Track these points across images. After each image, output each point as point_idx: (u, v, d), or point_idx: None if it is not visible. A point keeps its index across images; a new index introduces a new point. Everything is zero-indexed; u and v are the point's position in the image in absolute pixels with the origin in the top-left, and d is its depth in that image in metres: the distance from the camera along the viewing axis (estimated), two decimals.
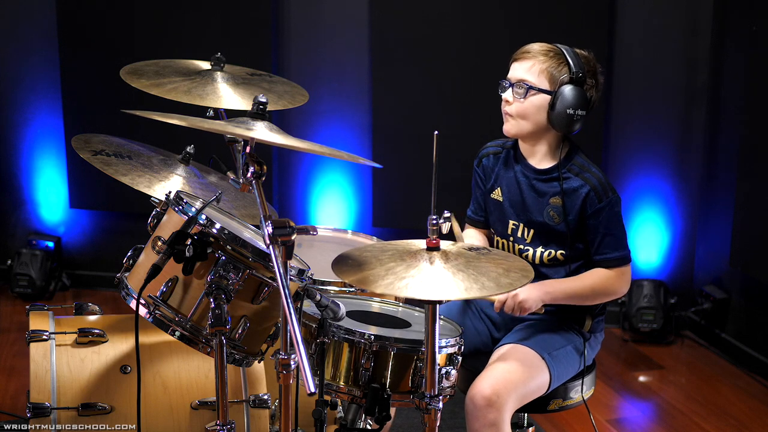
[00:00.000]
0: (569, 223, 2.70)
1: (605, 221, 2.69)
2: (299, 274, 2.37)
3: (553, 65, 2.68)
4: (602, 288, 2.72)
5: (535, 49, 2.70)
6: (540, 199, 2.75)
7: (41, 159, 4.98)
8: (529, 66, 2.69)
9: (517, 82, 2.71)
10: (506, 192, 2.81)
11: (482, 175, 2.89)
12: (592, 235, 2.71)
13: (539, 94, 2.68)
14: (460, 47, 4.62)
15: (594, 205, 2.69)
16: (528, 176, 2.77)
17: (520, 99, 2.70)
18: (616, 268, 2.72)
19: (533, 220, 2.76)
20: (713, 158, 4.63)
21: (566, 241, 2.72)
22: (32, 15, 4.83)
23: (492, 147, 2.89)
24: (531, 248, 2.77)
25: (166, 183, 2.74)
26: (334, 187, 4.90)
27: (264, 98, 2.30)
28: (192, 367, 2.63)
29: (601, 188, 2.70)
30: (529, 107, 2.70)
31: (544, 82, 2.68)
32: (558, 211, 2.72)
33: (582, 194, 2.69)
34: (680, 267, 4.78)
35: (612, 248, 2.71)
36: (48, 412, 2.49)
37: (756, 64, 4.22)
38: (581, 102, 2.66)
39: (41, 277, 4.86)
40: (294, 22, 4.77)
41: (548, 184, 2.75)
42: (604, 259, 2.72)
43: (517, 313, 2.65)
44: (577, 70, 2.66)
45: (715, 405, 4.04)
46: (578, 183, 2.71)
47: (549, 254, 2.75)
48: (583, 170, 2.72)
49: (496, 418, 2.52)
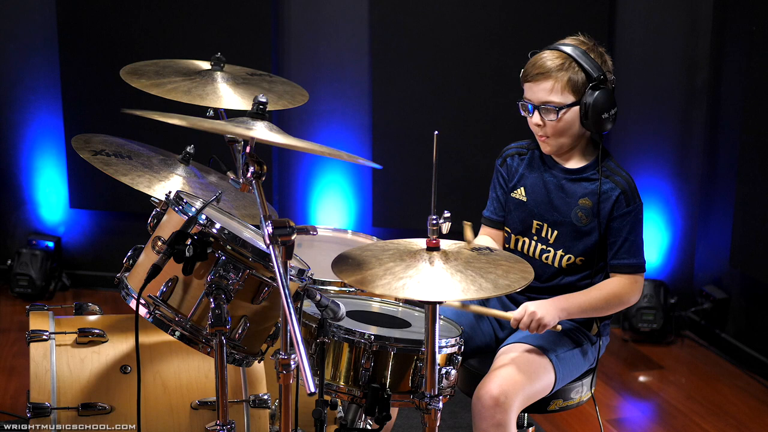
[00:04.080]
0: (600, 224, 2.69)
1: (629, 226, 2.69)
2: (299, 274, 2.37)
3: (572, 75, 2.64)
4: (615, 298, 2.70)
5: (549, 66, 2.64)
6: (568, 199, 2.73)
7: (41, 159, 4.98)
8: (550, 87, 2.65)
9: (541, 105, 2.67)
10: (530, 192, 2.79)
11: (505, 175, 2.86)
12: (614, 238, 2.70)
13: (570, 109, 2.66)
14: (460, 47, 4.62)
15: (622, 208, 2.68)
16: (557, 176, 2.76)
17: (552, 121, 2.67)
18: (630, 275, 2.70)
19: (560, 220, 2.74)
20: (713, 158, 4.63)
21: (590, 243, 2.71)
22: (32, 15, 4.84)
23: (516, 147, 2.86)
24: (552, 250, 2.76)
25: (166, 183, 2.74)
26: (334, 187, 4.90)
27: (264, 98, 2.30)
28: (192, 367, 2.63)
29: (631, 192, 2.69)
30: (564, 125, 2.67)
31: (569, 96, 2.65)
32: (586, 212, 2.71)
33: (612, 197, 2.69)
34: (680, 267, 4.78)
35: (630, 254, 2.69)
36: (48, 412, 2.49)
37: (756, 64, 4.22)
38: (610, 101, 2.65)
39: (41, 277, 4.86)
40: (294, 22, 4.76)
41: (577, 184, 2.73)
42: (620, 264, 2.70)
43: (535, 330, 2.62)
44: (597, 74, 2.64)
45: (715, 405, 4.04)
46: (609, 185, 2.70)
47: (569, 259, 2.74)
48: (614, 173, 2.71)
49: (503, 418, 2.52)
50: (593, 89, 2.64)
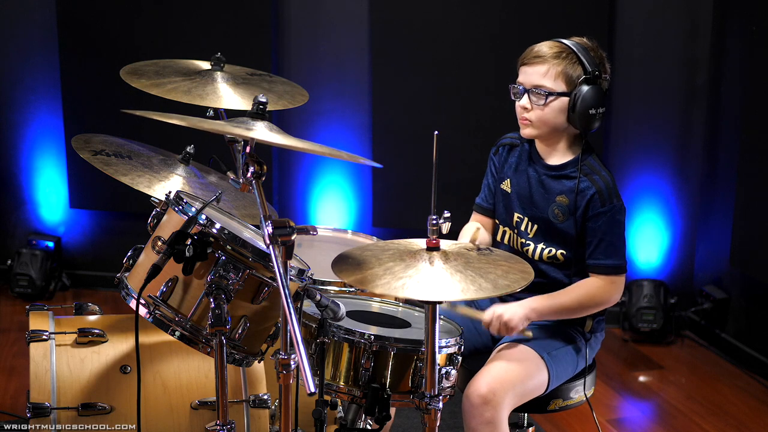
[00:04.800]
0: (576, 221, 2.69)
1: (604, 226, 2.67)
2: (299, 274, 2.37)
3: (568, 66, 2.65)
4: (589, 299, 2.69)
5: (546, 51, 2.67)
6: (547, 195, 2.74)
7: (41, 159, 4.98)
8: (544, 70, 2.66)
9: (532, 88, 2.68)
10: (515, 185, 2.80)
11: (497, 164, 2.88)
12: (590, 238, 2.69)
13: (558, 98, 2.66)
14: (461, 47, 4.62)
15: (596, 208, 2.68)
16: (539, 171, 2.77)
17: (539, 105, 2.68)
18: (607, 276, 2.68)
19: (538, 215, 2.75)
20: (713, 158, 4.63)
21: (569, 240, 2.72)
22: (32, 15, 4.83)
23: (509, 138, 2.87)
24: (533, 243, 2.76)
25: (166, 183, 2.74)
26: (334, 187, 4.90)
27: (264, 98, 2.30)
28: (192, 367, 2.63)
29: (607, 193, 2.68)
30: (550, 113, 2.68)
31: (562, 85, 2.66)
32: (563, 210, 2.71)
33: (587, 196, 2.68)
34: (680, 267, 4.78)
35: (606, 255, 2.68)
36: (48, 412, 2.49)
37: (756, 64, 4.22)
38: (600, 99, 2.65)
39: (41, 277, 4.86)
40: (294, 22, 4.76)
41: (557, 181, 2.74)
42: (596, 265, 2.69)
43: (503, 333, 2.64)
44: (592, 68, 2.65)
45: (715, 405, 4.04)
46: (585, 184, 2.69)
47: (549, 252, 2.74)
48: (593, 172, 2.71)
49: (493, 416, 2.52)
50: (586, 83, 2.64)
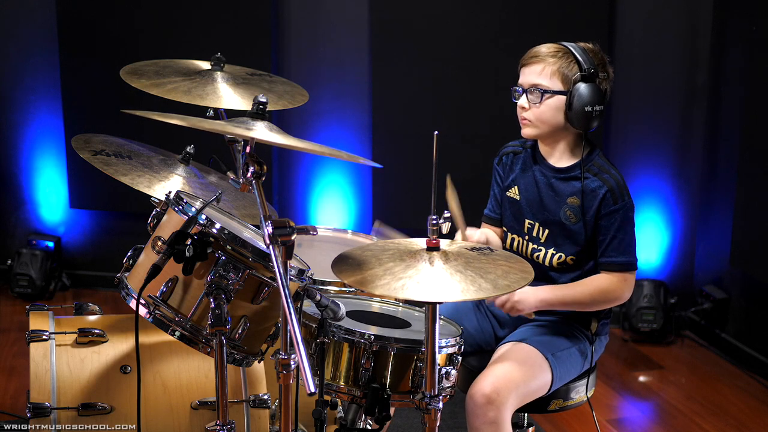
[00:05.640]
0: (587, 223, 2.70)
1: (617, 224, 2.69)
2: (299, 274, 2.37)
3: (564, 65, 2.67)
4: (601, 295, 2.70)
5: (543, 51, 2.69)
6: (557, 198, 2.74)
7: (41, 159, 4.98)
8: (540, 70, 2.68)
9: (530, 88, 2.70)
10: (523, 191, 2.81)
11: (501, 173, 2.89)
12: (602, 236, 2.70)
13: (554, 96, 2.68)
14: (460, 47, 4.62)
15: (609, 206, 2.69)
16: (546, 175, 2.77)
17: (536, 104, 2.69)
18: (619, 273, 2.70)
19: (549, 219, 2.75)
20: (713, 158, 4.63)
21: (580, 242, 2.72)
22: (32, 15, 4.83)
23: (512, 146, 2.89)
24: (543, 249, 2.77)
25: (166, 183, 2.74)
26: (334, 187, 4.90)
27: (264, 98, 2.30)
28: (192, 367, 2.63)
29: (618, 190, 2.69)
30: (546, 111, 2.69)
31: (558, 83, 2.68)
32: (575, 211, 2.72)
33: (599, 195, 2.69)
34: (680, 267, 4.78)
35: (619, 252, 2.69)
36: (48, 412, 2.49)
37: (756, 64, 4.22)
38: (597, 97, 2.66)
39: (41, 277, 4.86)
40: (294, 22, 4.76)
41: (566, 183, 2.74)
42: (608, 262, 2.71)
43: (508, 312, 2.67)
44: (588, 66, 2.66)
45: (715, 405, 4.04)
46: (597, 183, 2.70)
47: (559, 258, 2.74)
48: (602, 171, 2.72)
49: (496, 416, 2.52)
50: (583, 80, 2.66)
